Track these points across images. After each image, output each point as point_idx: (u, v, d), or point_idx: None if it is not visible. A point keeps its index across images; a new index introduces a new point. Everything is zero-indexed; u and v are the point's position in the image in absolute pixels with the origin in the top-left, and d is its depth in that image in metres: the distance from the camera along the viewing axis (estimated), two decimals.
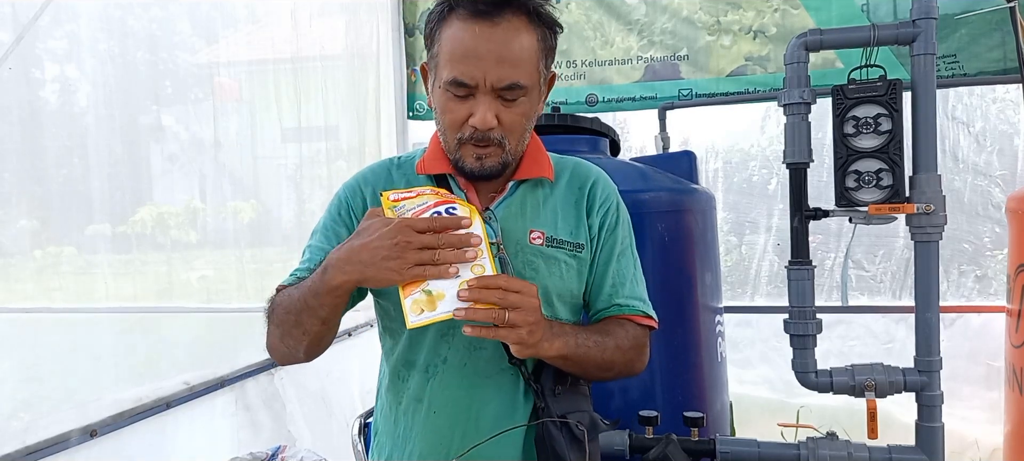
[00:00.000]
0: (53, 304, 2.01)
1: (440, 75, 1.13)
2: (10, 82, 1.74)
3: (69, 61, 1.98)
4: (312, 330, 1.11)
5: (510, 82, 1.09)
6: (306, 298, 1.09)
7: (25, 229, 1.89)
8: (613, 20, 3.14)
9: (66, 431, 1.73)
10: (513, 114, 1.13)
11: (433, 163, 1.23)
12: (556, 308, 1.22)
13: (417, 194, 1.11)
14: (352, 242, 1.04)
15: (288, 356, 1.19)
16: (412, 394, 1.23)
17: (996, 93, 3.07)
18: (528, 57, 1.12)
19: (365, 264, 1.00)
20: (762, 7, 2.97)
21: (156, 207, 2.28)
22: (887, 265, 3.20)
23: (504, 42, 1.09)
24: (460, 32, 1.10)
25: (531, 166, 1.24)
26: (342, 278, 1.02)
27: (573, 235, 1.24)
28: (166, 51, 2.30)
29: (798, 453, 1.80)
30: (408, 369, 1.24)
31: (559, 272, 1.21)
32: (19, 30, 1.73)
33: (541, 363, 1.19)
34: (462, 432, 1.20)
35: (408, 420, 1.24)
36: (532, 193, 1.24)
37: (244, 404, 2.39)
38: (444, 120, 1.15)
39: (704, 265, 2.08)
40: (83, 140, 1.99)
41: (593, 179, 1.29)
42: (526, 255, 1.20)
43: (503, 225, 1.20)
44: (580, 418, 1.15)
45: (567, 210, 1.25)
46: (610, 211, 1.28)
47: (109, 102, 2.05)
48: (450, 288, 1.01)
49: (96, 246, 2.04)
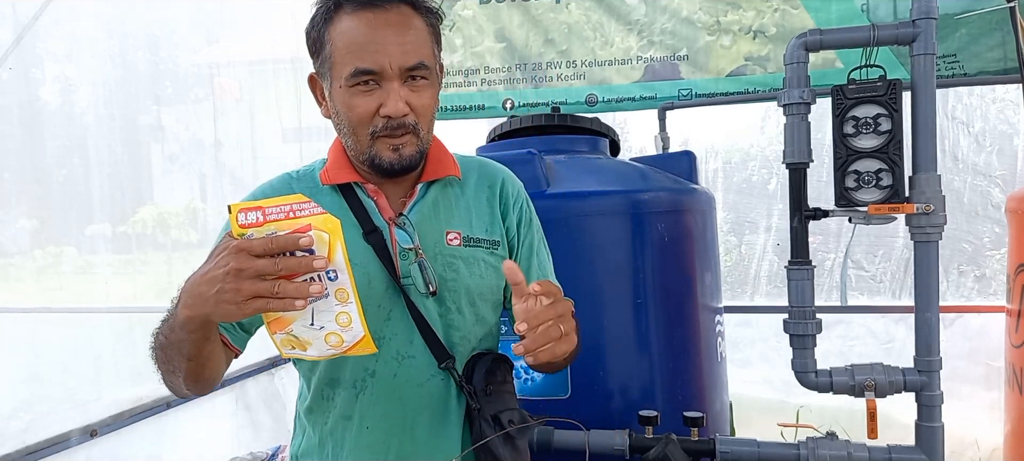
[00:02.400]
0: (53, 304, 2.01)
1: (339, 73, 1.09)
2: (10, 82, 1.74)
3: (69, 61, 1.98)
4: (181, 367, 1.02)
5: (416, 61, 1.08)
6: (168, 333, 1.01)
7: (25, 229, 1.89)
8: (613, 20, 3.14)
9: (66, 431, 1.73)
10: (422, 98, 1.11)
11: (337, 172, 1.18)
12: (478, 307, 1.21)
13: (273, 207, 0.89)
14: (200, 269, 0.92)
15: (181, 394, 1.12)
16: (339, 412, 1.18)
17: (996, 93, 3.07)
18: (425, 40, 1.11)
19: (205, 298, 0.87)
20: (762, 7, 2.97)
21: (156, 207, 2.28)
22: (887, 265, 3.20)
23: (400, 25, 1.08)
24: (353, 23, 1.08)
25: (437, 166, 1.21)
26: (187, 313, 0.91)
27: (488, 232, 1.23)
28: (166, 51, 2.30)
29: (798, 453, 1.80)
30: (333, 388, 1.19)
31: (479, 271, 1.20)
32: (19, 30, 1.73)
33: (471, 364, 1.19)
34: (398, 443, 1.17)
35: (336, 439, 1.19)
36: (443, 193, 1.22)
37: (244, 404, 2.39)
38: (351, 118, 1.10)
39: (704, 265, 2.08)
40: (83, 140, 1.99)
41: (502, 177, 1.29)
42: (445, 257, 1.18)
43: (418, 229, 1.17)
44: (511, 416, 1.16)
45: (480, 208, 1.24)
46: (523, 207, 1.28)
47: (109, 102, 2.05)
48: (314, 336, 0.91)
49: (96, 246, 2.04)
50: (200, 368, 1.04)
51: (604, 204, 1.90)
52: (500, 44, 3.20)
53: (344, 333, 0.92)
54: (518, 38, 3.20)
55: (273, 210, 0.87)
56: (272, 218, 0.87)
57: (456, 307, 1.19)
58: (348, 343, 0.93)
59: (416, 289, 1.16)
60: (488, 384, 1.17)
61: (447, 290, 1.17)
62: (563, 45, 3.17)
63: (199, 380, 1.08)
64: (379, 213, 1.18)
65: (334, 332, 0.92)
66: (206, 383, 1.10)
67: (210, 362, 1.06)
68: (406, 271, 1.16)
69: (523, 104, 3.21)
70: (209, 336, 0.99)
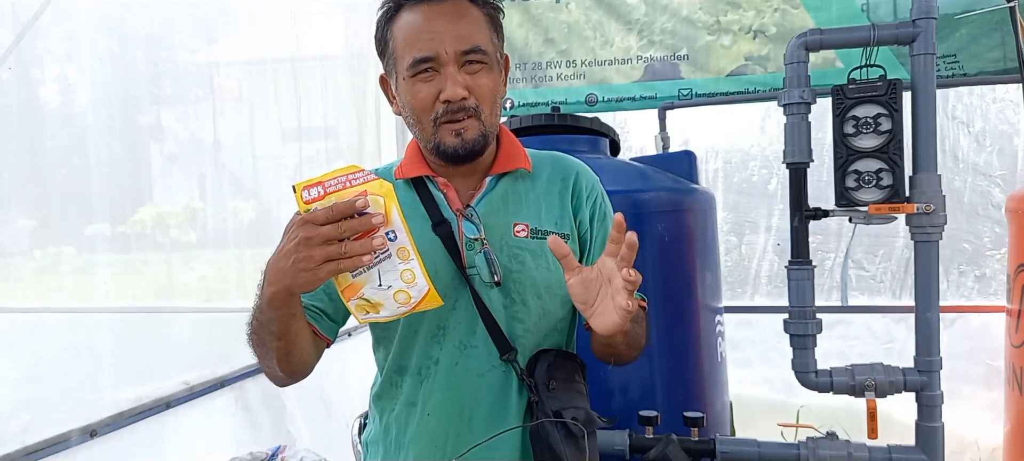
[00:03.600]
0: (53, 304, 2.00)
1: (400, 68, 1.13)
2: (10, 82, 1.73)
3: (69, 61, 1.98)
4: (273, 346, 1.07)
5: (471, 45, 1.11)
6: (258, 315, 1.06)
7: (25, 229, 1.89)
8: (613, 20, 3.14)
9: (66, 431, 1.73)
10: (480, 80, 1.13)
11: (411, 167, 1.22)
12: (545, 301, 1.20)
13: (331, 179, 0.97)
14: (277, 248, 0.98)
15: (278, 379, 1.16)
16: (405, 399, 1.22)
17: (996, 93, 3.07)
18: (481, 26, 1.14)
19: (284, 271, 0.94)
20: (762, 7, 2.97)
21: (156, 207, 2.27)
22: (887, 265, 3.20)
23: (455, 13, 1.12)
24: (411, 17, 1.12)
25: (507, 159, 1.23)
26: (272, 289, 0.98)
27: (558, 226, 1.22)
28: (166, 51, 2.30)
29: (798, 453, 1.80)
30: (400, 375, 1.22)
31: (547, 264, 1.19)
32: (19, 30, 1.73)
33: (535, 358, 1.18)
34: (456, 433, 1.18)
35: (400, 425, 1.22)
36: (513, 187, 1.23)
37: (244, 404, 2.39)
38: (415, 107, 1.14)
39: (704, 265, 2.08)
40: (83, 140, 1.99)
41: (576, 170, 1.28)
42: (511, 249, 1.18)
43: (485, 221, 1.18)
44: (576, 414, 1.14)
45: (551, 201, 1.24)
46: (598, 200, 1.27)
47: (109, 102, 2.05)
48: (384, 296, 0.97)
49: (96, 246, 2.04)
50: (289, 347, 1.08)
51: None
52: None
53: (410, 289, 0.98)
54: (518, 38, 3.20)
55: (331, 183, 0.95)
56: (331, 190, 0.94)
57: (521, 299, 1.18)
58: (415, 299, 0.99)
59: (481, 279, 1.17)
60: (551, 379, 1.16)
61: (512, 281, 1.17)
62: (563, 45, 3.17)
63: (290, 360, 1.11)
64: (448, 205, 1.20)
65: (401, 289, 0.98)
66: (299, 367, 1.14)
67: (298, 341, 1.09)
68: (471, 261, 1.17)
69: (523, 104, 3.20)
70: (294, 312, 1.03)
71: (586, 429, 1.12)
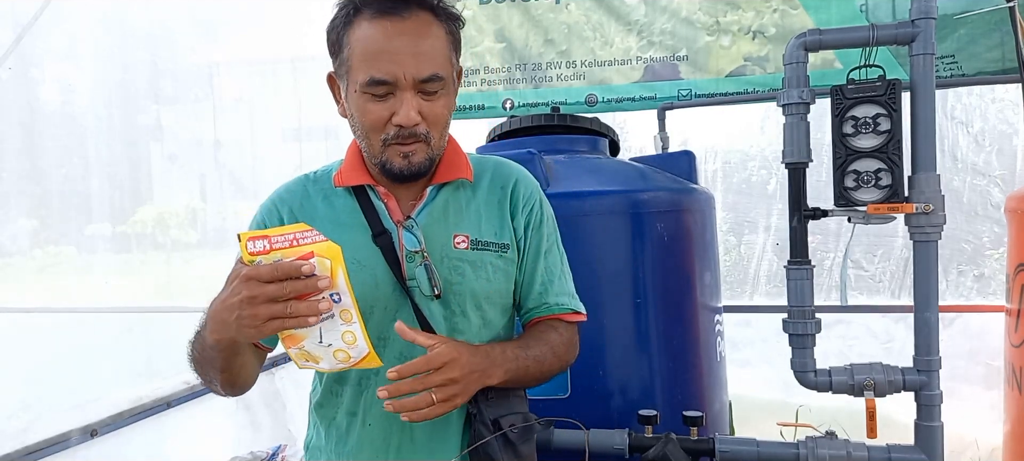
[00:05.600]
0: (53, 304, 2.01)
1: (354, 79, 1.11)
2: (10, 82, 1.74)
3: (69, 61, 1.98)
4: (217, 378, 1.11)
5: (430, 73, 1.09)
6: (200, 350, 1.08)
7: (25, 229, 1.89)
8: (613, 20, 3.14)
9: (66, 431, 1.73)
10: (435, 107, 1.12)
11: (351, 174, 1.21)
12: (485, 311, 1.21)
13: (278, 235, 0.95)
14: (219, 294, 0.99)
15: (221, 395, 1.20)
16: (345, 408, 1.22)
17: (995, 93, 3.07)
18: (441, 49, 1.12)
19: (228, 323, 0.95)
20: (761, 7, 2.97)
21: (156, 207, 2.27)
22: (886, 265, 3.20)
23: (417, 36, 1.09)
24: (370, 31, 1.09)
25: (449, 169, 1.22)
26: (215, 337, 0.99)
27: (498, 235, 1.22)
28: (166, 51, 2.30)
29: (797, 453, 1.80)
30: (341, 385, 1.23)
31: (486, 275, 1.20)
32: (19, 30, 1.73)
33: None
34: (397, 443, 1.19)
35: (340, 433, 1.23)
36: (453, 196, 1.23)
37: (244, 404, 2.39)
38: (364, 124, 1.12)
39: (703, 265, 2.08)
40: (83, 140, 1.99)
41: (515, 178, 1.28)
42: (452, 261, 1.18)
43: (425, 232, 1.18)
44: (514, 420, 1.15)
45: (490, 211, 1.24)
46: (534, 209, 1.27)
47: (109, 102, 2.05)
48: (324, 353, 0.98)
49: (96, 246, 2.04)
50: (234, 377, 1.13)
51: (604, 204, 1.90)
52: (500, 44, 3.20)
53: (350, 350, 1.00)
54: (518, 38, 3.20)
55: (278, 239, 0.93)
56: (277, 246, 0.93)
57: (461, 311, 1.19)
58: (355, 358, 1.01)
59: (421, 292, 1.17)
60: (490, 388, 1.15)
61: (452, 293, 1.18)
62: (563, 45, 3.17)
63: (235, 384, 1.16)
64: (389, 216, 1.20)
65: (341, 349, 0.99)
66: (243, 386, 1.18)
67: (243, 371, 1.14)
68: (412, 274, 1.17)
69: (523, 104, 3.21)
70: (238, 351, 1.07)
71: (524, 434, 1.15)
